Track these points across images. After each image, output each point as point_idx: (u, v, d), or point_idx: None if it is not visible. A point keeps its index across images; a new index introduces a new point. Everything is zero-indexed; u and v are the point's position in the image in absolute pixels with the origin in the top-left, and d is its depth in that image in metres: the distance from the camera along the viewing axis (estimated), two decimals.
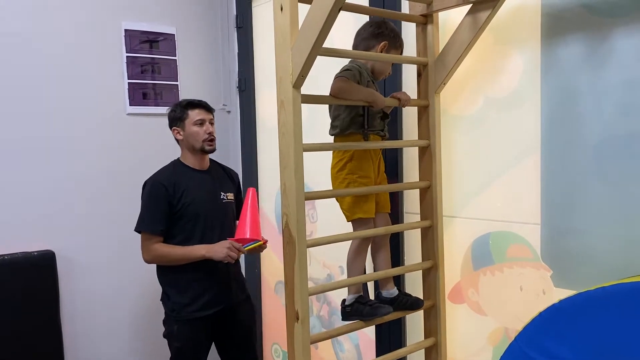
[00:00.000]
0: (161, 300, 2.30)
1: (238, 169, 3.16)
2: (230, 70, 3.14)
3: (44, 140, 2.62)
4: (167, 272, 2.24)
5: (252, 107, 3.05)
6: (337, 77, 1.72)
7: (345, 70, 1.74)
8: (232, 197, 2.34)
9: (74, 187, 2.70)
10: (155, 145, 2.94)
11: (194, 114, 2.23)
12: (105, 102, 2.79)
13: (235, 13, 3.10)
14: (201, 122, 2.22)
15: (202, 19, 3.09)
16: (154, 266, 2.26)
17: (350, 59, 1.85)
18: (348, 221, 1.84)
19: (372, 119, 1.80)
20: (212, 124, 2.27)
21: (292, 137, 1.54)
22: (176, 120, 2.26)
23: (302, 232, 1.57)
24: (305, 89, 1.57)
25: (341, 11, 1.42)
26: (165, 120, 2.36)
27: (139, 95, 2.88)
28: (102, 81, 2.78)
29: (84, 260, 2.73)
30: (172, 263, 2.18)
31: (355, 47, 1.84)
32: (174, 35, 2.99)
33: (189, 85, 3.05)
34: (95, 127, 2.76)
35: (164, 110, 2.94)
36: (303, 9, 1.53)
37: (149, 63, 2.92)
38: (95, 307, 2.78)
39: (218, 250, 2.10)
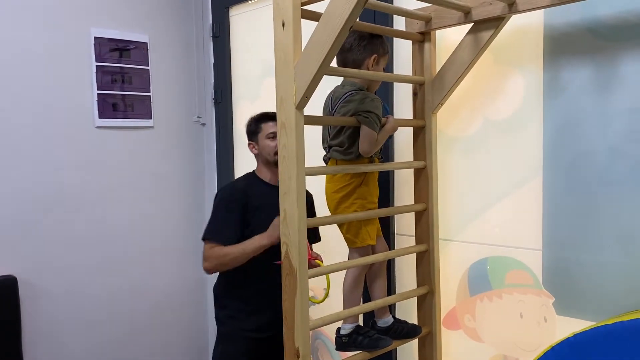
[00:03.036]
0: (217, 317, 2.22)
1: (213, 185, 3.02)
2: (205, 81, 3.01)
3: (4, 154, 2.42)
4: (229, 286, 2.16)
5: (229, 120, 2.92)
6: (366, 126, 1.62)
7: (370, 114, 1.62)
8: None
9: (37, 206, 2.50)
10: (126, 160, 2.78)
11: (268, 127, 2.14)
12: (72, 114, 2.60)
13: (211, 22, 2.97)
14: (274, 135, 2.09)
15: (176, 27, 2.94)
16: (121, 293, 2.11)
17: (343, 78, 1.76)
18: (354, 247, 1.74)
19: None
20: None
21: (294, 161, 1.44)
22: (251, 134, 2.20)
23: (303, 263, 1.47)
24: None
25: None
26: (136, 134, 2.24)
27: (109, 107, 2.71)
28: (69, 91, 2.59)
29: (47, 285, 2.53)
30: (233, 263, 2.03)
31: (343, 62, 1.72)
32: (146, 43, 2.83)
33: (162, 96, 2.90)
34: (62, 141, 2.57)
35: (135, 123, 2.81)
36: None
37: (119, 73, 2.75)
38: (58, 334, 2.58)
39: (274, 232, 1.94)
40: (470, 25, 1.72)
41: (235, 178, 2.19)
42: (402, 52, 2.03)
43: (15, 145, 2.45)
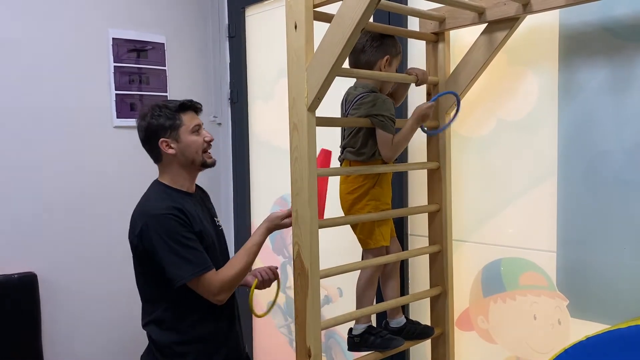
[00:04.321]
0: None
1: (229, 185, 3.05)
2: (221, 81, 3.03)
3: (25, 155, 2.47)
4: (173, 329, 1.73)
5: (244, 119, 2.94)
6: (381, 130, 1.62)
7: (383, 116, 1.61)
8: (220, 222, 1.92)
9: (57, 205, 2.55)
10: (143, 159, 2.80)
11: (191, 119, 1.74)
12: (91, 115, 2.64)
13: (227, 22, 2.99)
14: (198, 128, 1.76)
15: (192, 27, 2.97)
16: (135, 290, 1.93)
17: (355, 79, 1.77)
18: (367, 248, 1.75)
19: None
20: (204, 128, 1.81)
21: (306, 162, 1.45)
22: (165, 129, 1.70)
23: (315, 263, 1.48)
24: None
25: None
26: None
27: (127, 107, 2.75)
28: (88, 92, 2.64)
29: (66, 282, 2.57)
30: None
31: (355, 64, 1.72)
32: (163, 44, 2.86)
33: (179, 96, 2.89)
34: (81, 140, 2.61)
35: None
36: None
37: (136, 73, 2.79)
38: (77, 331, 2.62)
39: (274, 216, 1.70)
40: (485, 25, 1.72)
41: (146, 195, 1.78)
42: (416, 52, 2.02)
43: (36, 145, 2.50)
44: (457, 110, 1.77)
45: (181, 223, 1.64)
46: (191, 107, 1.78)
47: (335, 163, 1.81)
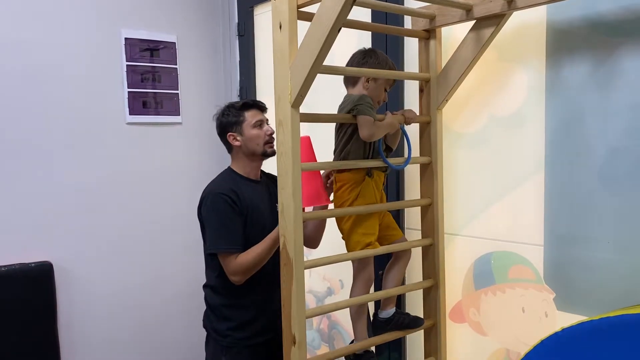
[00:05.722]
0: (206, 321, 2.14)
1: None
2: (231, 78, 3.11)
3: (42, 150, 2.60)
4: (222, 294, 2.03)
5: None
6: (360, 115, 1.65)
7: (360, 104, 1.65)
8: None
9: (72, 197, 2.68)
10: (155, 154, 2.92)
11: (253, 115, 2.02)
12: (104, 111, 2.77)
13: (237, 21, 3.07)
14: (261, 123, 2.02)
15: (203, 27, 3.06)
16: (153, 279, 2.11)
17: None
18: (355, 250, 1.80)
19: (376, 154, 1.76)
20: (268, 123, 2.06)
21: (290, 158, 1.51)
22: (231, 125, 2.01)
23: (299, 254, 1.54)
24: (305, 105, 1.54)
25: (342, 28, 1.40)
26: (165, 130, 2.30)
27: (139, 105, 2.86)
28: (102, 90, 2.76)
29: (81, 271, 2.71)
30: (258, 267, 1.93)
31: (345, 79, 1.79)
32: (174, 43, 2.96)
33: (190, 94, 3.03)
34: (95, 136, 2.74)
35: (164, 119, 2.95)
36: (302, 26, 1.50)
37: (149, 72, 2.89)
38: (92, 319, 2.76)
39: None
40: (473, 22, 1.74)
41: (216, 178, 2.05)
42: (411, 50, 2.06)
43: (53, 140, 2.63)
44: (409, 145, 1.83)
45: (230, 204, 1.92)
46: (254, 105, 2.06)
47: (317, 147, 1.86)
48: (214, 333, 2.09)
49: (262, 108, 2.08)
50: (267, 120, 2.06)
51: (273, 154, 2.00)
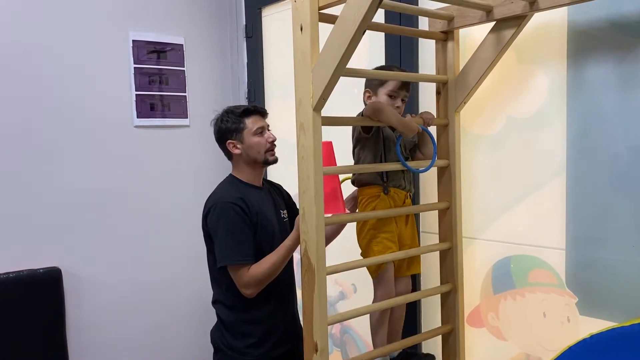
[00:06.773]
0: (218, 337, 2.03)
1: None
2: (239, 80, 3.09)
3: (49, 154, 2.57)
4: (237, 309, 1.94)
5: None
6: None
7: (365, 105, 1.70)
8: (287, 214, 2.08)
9: (80, 202, 2.65)
10: (163, 157, 2.89)
11: (254, 122, 1.94)
12: (112, 114, 2.74)
13: (244, 23, 3.05)
14: (262, 131, 1.95)
15: (210, 29, 3.04)
16: (162, 284, 2.08)
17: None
18: (374, 278, 1.80)
19: (394, 172, 1.77)
20: (269, 130, 2.00)
21: (312, 161, 1.48)
22: (231, 132, 1.93)
23: (322, 259, 1.51)
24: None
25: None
26: (173, 133, 2.26)
27: (147, 107, 2.83)
28: (109, 93, 2.73)
29: (90, 277, 2.67)
30: (276, 275, 1.87)
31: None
32: (182, 45, 2.93)
33: (197, 96, 3.00)
34: (102, 140, 2.71)
35: (172, 122, 2.92)
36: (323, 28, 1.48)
37: (156, 74, 2.86)
38: (101, 324, 2.72)
39: (297, 231, 1.77)
40: (493, 23, 1.72)
41: (219, 187, 1.98)
42: (427, 52, 2.04)
43: (61, 144, 2.60)
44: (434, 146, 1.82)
45: (239, 214, 1.85)
46: (255, 111, 1.98)
47: (338, 152, 1.82)
48: (229, 351, 1.97)
49: (263, 114, 2.00)
50: (269, 126, 2.00)
51: (275, 161, 1.99)
